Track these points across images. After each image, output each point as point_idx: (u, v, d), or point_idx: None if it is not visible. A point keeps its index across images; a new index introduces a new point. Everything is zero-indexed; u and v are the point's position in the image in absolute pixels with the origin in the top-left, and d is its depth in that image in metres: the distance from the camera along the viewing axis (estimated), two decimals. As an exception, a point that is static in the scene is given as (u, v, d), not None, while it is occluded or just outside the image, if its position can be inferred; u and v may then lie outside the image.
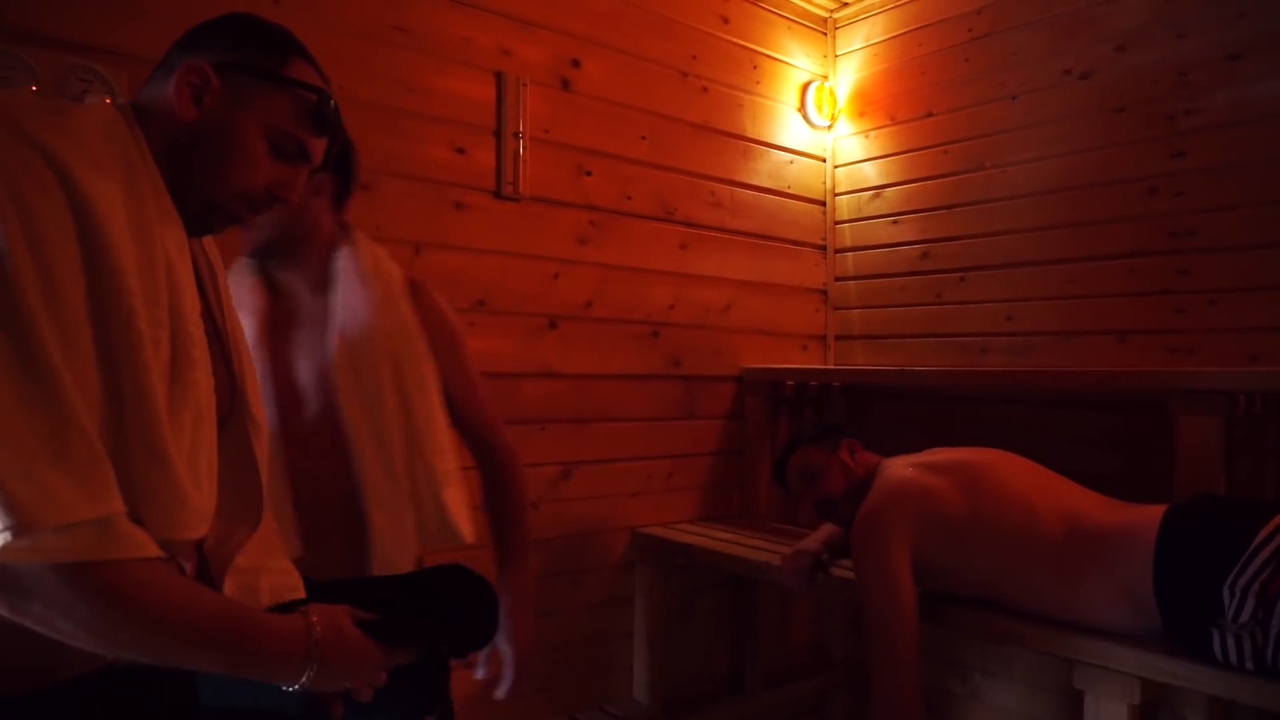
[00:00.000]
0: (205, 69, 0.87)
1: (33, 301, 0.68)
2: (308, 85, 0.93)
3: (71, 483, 0.68)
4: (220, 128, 0.88)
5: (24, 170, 0.70)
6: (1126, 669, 1.45)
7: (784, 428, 2.85)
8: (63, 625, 0.71)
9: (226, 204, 0.91)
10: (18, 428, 0.66)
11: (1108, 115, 2.33)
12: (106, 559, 0.70)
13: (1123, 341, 2.30)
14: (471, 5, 2.14)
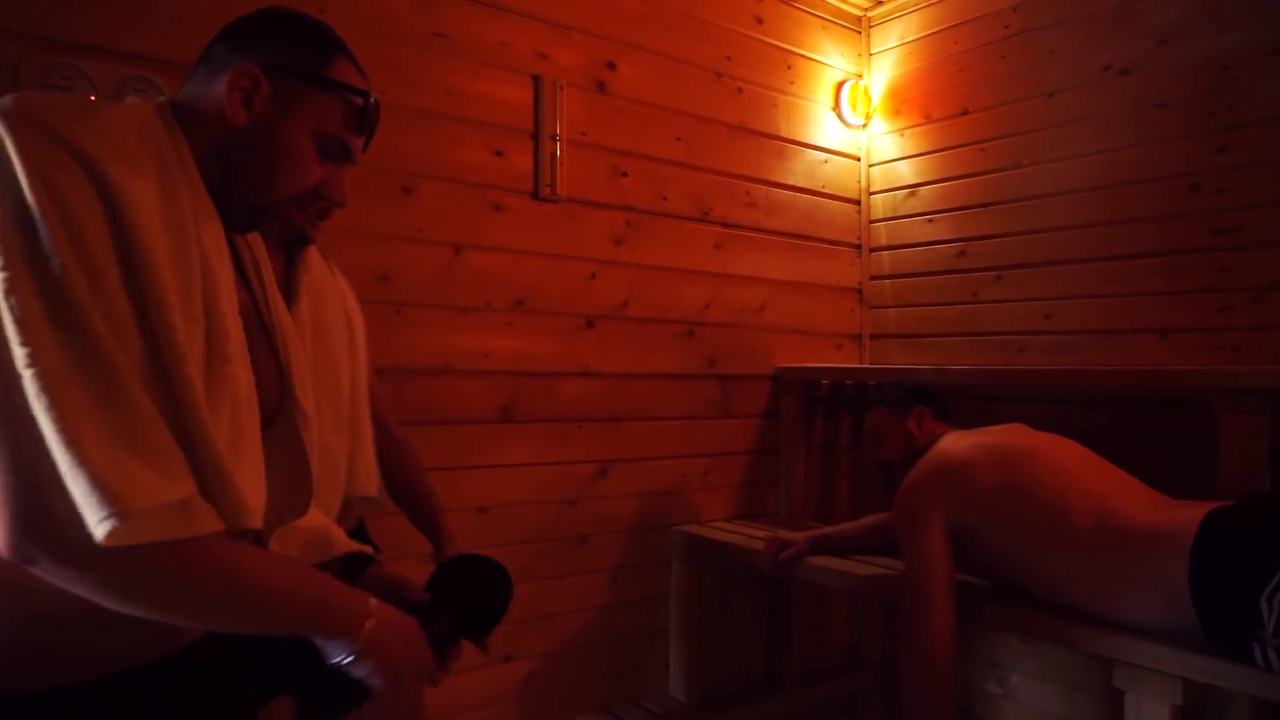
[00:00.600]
0: (256, 73, 0.88)
1: (84, 298, 0.69)
2: (353, 88, 0.94)
3: (149, 469, 0.70)
4: (271, 133, 0.89)
5: (57, 168, 0.71)
6: (1168, 669, 1.43)
7: (819, 427, 2.85)
8: (148, 602, 0.74)
9: (280, 207, 0.93)
10: (94, 422, 0.68)
11: (1148, 111, 2.30)
12: (188, 536, 0.73)
13: (1165, 340, 2.27)
14: (509, 10, 2.17)
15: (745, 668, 2.69)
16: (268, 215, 0.93)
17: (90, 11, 1.59)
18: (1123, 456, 1.92)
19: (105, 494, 0.66)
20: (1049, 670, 2.42)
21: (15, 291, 0.67)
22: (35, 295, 0.68)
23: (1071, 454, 1.75)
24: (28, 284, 0.68)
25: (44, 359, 0.67)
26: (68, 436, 0.66)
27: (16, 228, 0.69)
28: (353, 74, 0.96)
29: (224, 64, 0.90)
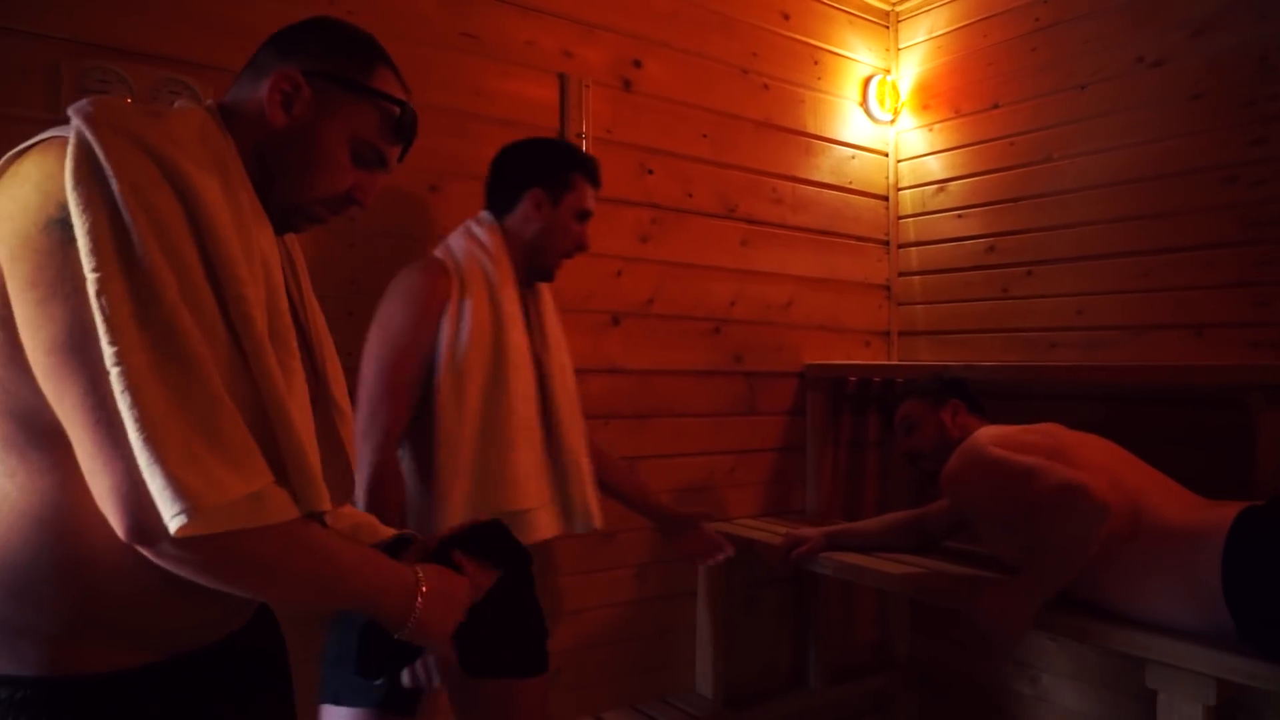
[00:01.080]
0: (297, 77, 0.92)
1: (173, 298, 0.73)
2: (391, 98, 0.97)
3: (226, 464, 0.73)
4: (307, 136, 0.93)
5: (142, 172, 0.74)
6: (1202, 669, 1.41)
7: (846, 424, 2.84)
8: (237, 584, 0.80)
9: (310, 207, 0.96)
10: (175, 418, 0.71)
11: (1183, 103, 2.26)
12: (259, 525, 0.77)
13: (1200, 336, 2.23)
14: (535, 10, 2.19)
15: (772, 665, 2.68)
16: (300, 215, 0.97)
17: (126, 16, 1.63)
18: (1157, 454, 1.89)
19: (177, 491, 0.69)
20: (1080, 670, 2.39)
21: (106, 292, 0.70)
22: (125, 296, 0.71)
23: (1107, 452, 1.74)
24: (119, 284, 0.71)
25: (129, 357, 0.69)
26: (146, 434, 0.69)
27: (110, 231, 0.71)
28: (393, 84, 0.99)
29: (268, 68, 0.94)
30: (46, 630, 0.77)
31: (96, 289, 0.70)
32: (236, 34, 1.73)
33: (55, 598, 0.77)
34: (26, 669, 0.77)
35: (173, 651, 0.85)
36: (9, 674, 0.76)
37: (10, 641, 0.77)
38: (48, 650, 0.77)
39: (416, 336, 1.56)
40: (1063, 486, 1.54)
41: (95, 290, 0.70)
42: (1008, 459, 1.69)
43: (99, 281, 0.70)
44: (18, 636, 0.76)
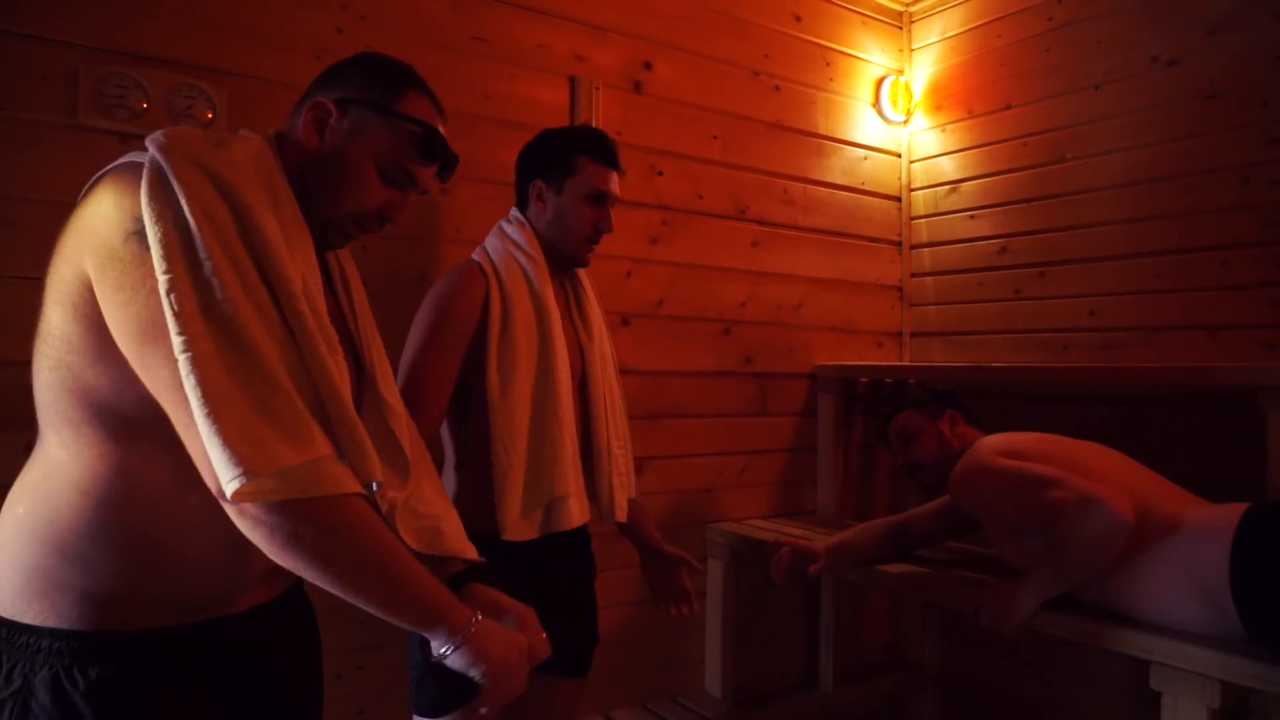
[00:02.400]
0: (328, 104, 1.03)
1: (232, 293, 0.83)
2: (414, 120, 1.06)
3: (280, 436, 0.82)
4: (337, 156, 1.04)
5: (205, 190, 0.86)
6: (1206, 671, 1.40)
7: (858, 425, 2.84)
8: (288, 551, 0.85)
9: (341, 222, 1.06)
10: (233, 397, 0.81)
11: (1198, 102, 2.24)
12: (314, 495, 0.84)
13: (1214, 337, 2.21)
14: (546, 13, 2.21)
15: (783, 666, 2.68)
16: (334, 230, 1.07)
17: (143, 22, 1.66)
18: (1169, 456, 1.88)
19: (233, 458, 0.79)
20: (1089, 672, 2.37)
21: (175, 290, 0.81)
22: (191, 292, 0.82)
23: (1111, 459, 1.74)
24: (185, 282, 0.82)
25: (194, 345, 0.80)
26: (207, 410, 0.79)
27: (179, 239, 0.83)
28: (423, 107, 1.08)
29: (310, 98, 1.06)
30: (85, 588, 0.87)
31: (166, 288, 0.81)
32: (251, 40, 1.76)
33: (95, 559, 0.87)
34: (65, 622, 0.86)
35: (197, 616, 0.93)
36: (50, 626, 0.86)
37: (53, 596, 0.86)
38: (85, 607, 0.86)
39: (447, 342, 1.58)
40: (1083, 500, 1.54)
41: (165, 289, 0.81)
42: (1021, 468, 1.69)
43: (169, 281, 0.81)
44: (60, 592, 0.86)
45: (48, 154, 1.57)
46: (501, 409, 1.57)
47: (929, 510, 2.05)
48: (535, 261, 1.65)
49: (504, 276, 1.62)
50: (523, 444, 1.58)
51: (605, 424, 1.73)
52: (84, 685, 0.84)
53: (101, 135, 1.62)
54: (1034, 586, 1.61)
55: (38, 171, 1.56)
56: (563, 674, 1.70)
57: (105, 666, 0.86)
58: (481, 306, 1.59)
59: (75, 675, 0.85)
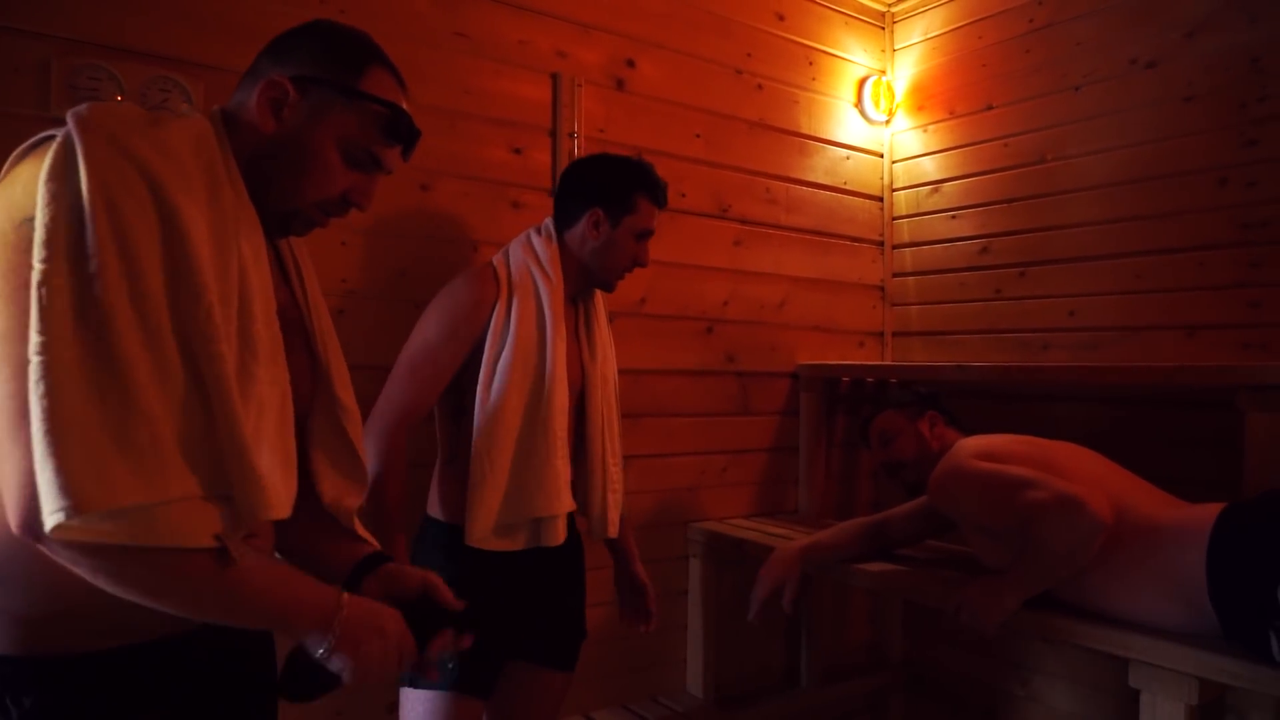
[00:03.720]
0: (284, 84, 0.92)
1: (113, 298, 0.72)
2: (379, 100, 0.97)
3: (129, 469, 0.71)
4: (296, 141, 0.94)
5: (119, 180, 0.75)
6: (1183, 668, 1.41)
7: (840, 425, 2.84)
8: (125, 593, 0.77)
9: (305, 210, 0.98)
10: (87, 415, 0.70)
11: (1176, 104, 2.26)
12: (150, 545, 0.74)
13: (1192, 337, 2.23)
14: (529, 9, 2.19)
15: (764, 665, 2.68)
16: (297, 219, 0.98)
17: (117, 14, 1.63)
18: (1148, 454, 1.90)
19: (65, 488, 0.67)
20: (1069, 671, 2.39)
21: (48, 283, 0.71)
22: (66, 289, 0.71)
23: (1089, 458, 1.76)
24: (61, 277, 0.71)
25: (54, 350, 0.69)
26: (49, 426, 0.68)
27: (67, 228, 0.72)
28: (387, 85, 0.99)
29: (262, 74, 0.95)
30: (15, 610, 0.80)
31: (39, 280, 0.70)
32: (227, 32, 1.74)
33: (23, 579, 0.80)
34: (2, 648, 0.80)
35: (138, 638, 0.86)
36: None
37: None
38: (17, 631, 0.80)
39: (450, 337, 1.61)
40: (1061, 500, 1.54)
41: (37, 281, 0.70)
42: (998, 471, 1.69)
43: (43, 273, 0.71)
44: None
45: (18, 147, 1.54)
46: (486, 419, 1.58)
47: (907, 510, 2.06)
48: (551, 281, 1.66)
49: (516, 289, 1.64)
50: (505, 459, 1.59)
51: (601, 442, 1.76)
52: (17, 714, 0.79)
53: (74, 128, 1.59)
54: (1013, 586, 1.62)
55: (8, 164, 1.53)
56: (545, 665, 1.73)
57: (41, 693, 0.80)
58: (489, 311, 1.62)
59: (8, 704, 0.79)
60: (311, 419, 1.06)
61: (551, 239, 1.72)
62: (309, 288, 1.07)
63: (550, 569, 1.72)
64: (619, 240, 1.70)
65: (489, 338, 1.61)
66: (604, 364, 1.80)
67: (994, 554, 1.77)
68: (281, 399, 0.92)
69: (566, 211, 1.73)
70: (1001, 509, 1.65)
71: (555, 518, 1.63)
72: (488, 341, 1.61)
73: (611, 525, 1.78)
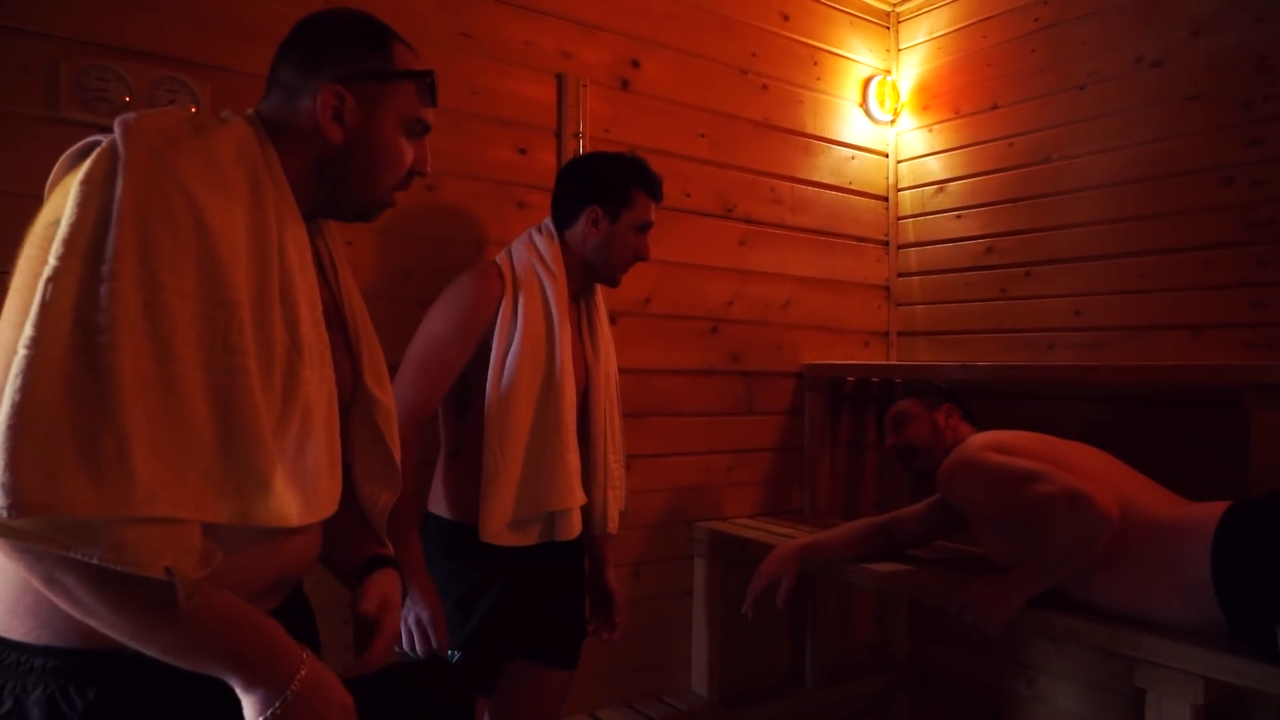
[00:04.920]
0: (342, 91, 0.96)
1: (122, 306, 0.72)
2: (418, 73, 1.03)
3: (86, 480, 0.68)
4: (367, 138, 0.98)
5: (155, 193, 0.76)
6: (1189, 667, 1.41)
7: (845, 424, 2.84)
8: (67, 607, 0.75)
9: (385, 197, 1.04)
10: (56, 417, 0.68)
11: (1181, 103, 2.26)
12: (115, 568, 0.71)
13: (1197, 336, 2.23)
14: (533, 10, 2.20)
15: (769, 664, 2.68)
16: (376, 207, 1.05)
17: (125, 14, 1.64)
18: (1154, 454, 1.90)
19: (7, 485, 0.66)
20: (1075, 671, 2.38)
21: (55, 281, 0.71)
22: (71, 289, 0.71)
23: (1096, 456, 1.76)
24: (71, 277, 0.71)
25: (42, 346, 0.69)
26: (12, 421, 0.67)
27: (90, 231, 0.73)
28: (409, 54, 1.04)
29: (301, 86, 0.97)
30: None
31: (48, 275, 0.71)
32: (234, 33, 1.75)
33: None
34: (59, 639, 0.80)
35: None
36: (44, 643, 0.80)
37: (46, 613, 0.79)
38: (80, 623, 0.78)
39: (458, 334, 1.63)
40: (1068, 494, 1.55)
41: (46, 276, 0.71)
42: (1008, 463, 1.70)
43: (54, 270, 0.71)
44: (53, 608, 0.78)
45: (27, 147, 1.55)
46: (498, 415, 1.60)
47: (915, 511, 2.06)
48: (555, 278, 1.68)
49: (521, 285, 1.66)
50: (519, 453, 1.60)
51: (604, 438, 1.78)
52: (81, 705, 0.79)
53: (83, 128, 1.57)
54: (1018, 584, 1.62)
55: (16, 165, 1.53)
56: (547, 664, 1.74)
57: (103, 685, 0.80)
58: (495, 308, 1.64)
59: (72, 695, 0.79)
60: (349, 415, 1.08)
61: (553, 237, 1.74)
62: (344, 283, 1.10)
63: (554, 566, 1.73)
64: (619, 235, 1.72)
65: (496, 333, 1.62)
66: (606, 361, 1.82)
67: (1001, 548, 1.77)
68: (329, 398, 0.95)
69: (565, 211, 1.75)
70: (1009, 501, 1.65)
71: (569, 511, 1.64)
72: (495, 337, 1.62)
73: (611, 521, 1.80)
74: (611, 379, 1.84)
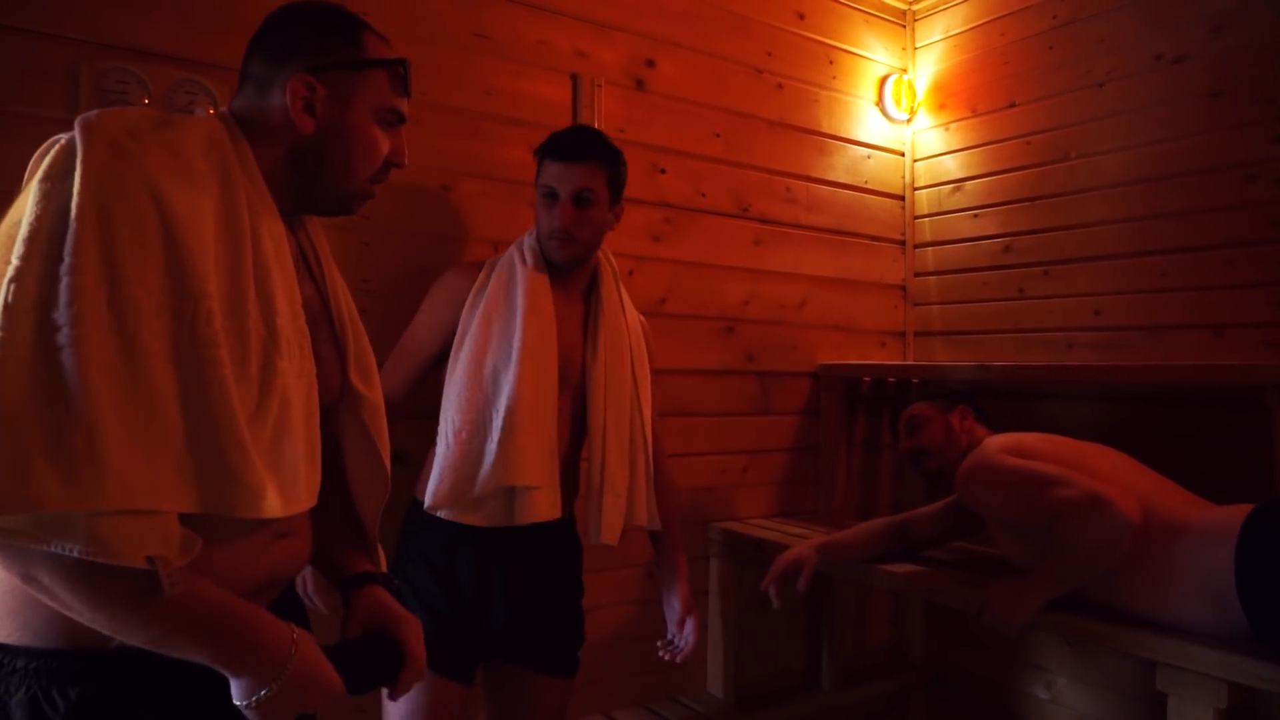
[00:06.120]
0: (312, 82, 0.95)
1: (85, 302, 0.71)
2: (389, 61, 1.01)
3: (57, 475, 0.68)
4: (339, 129, 0.97)
5: (116, 187, 0.75)
6: (1212, 671, 1.39)
7: (861, 425, 2.83)
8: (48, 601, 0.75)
9: (360, 188, 1.02)
10: (23, 414, 0.69)
11: (1203, 100, 2.23)
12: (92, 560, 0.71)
13: (1219, 336, 2.20)
14: (549, 10, 2.20)
15: (785, 666, 2.67)
16: (354, 198, 1.03)
17: (145, 17, 1.66)
18: (1174, 456, 1.87)
19: None
20: (1094, 674, 2.36)
21: (18, 280, 0.71)
22: (33, 290, 0.71)
23: (1117, 458, 1.74)
24: (32, 277, 0.71)
25: (8, 347, 0.69)
26: None
27: (49, 229, 0.73)
28: (381, 44, 1.02)
29: (271, 78, 0.96)
30: None
31: (10, 275, 0.71)
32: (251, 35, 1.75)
33: None
34: (41, 640, 0.80)
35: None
36: (26, 644, 0.80)
37: (28, 613, 0.80)
38: (63, 624, 0.79)
39: (427, 324, 1.70)
40: (1089, 498, 1.53)
41: (9, 276, 0.71)
42: (1027, 466, 1.68)
43: (15, 270, 0.71)
44: (35, 608, 0.79)
45: (48, 149, 1.56)
46: (448, 386, 1.62)
47: (931, 512, 2.05)
48: (527, 264, 1.68)
49: (495, 273, 1.68)
50: (463, 425, 1.57)
51: (601, 442, 1.69)
52: (64, 706, 0.79)
53: (102, 131, 1.61)
54: (1037, 587, 1.61)
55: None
56: (538, 670, 1.70)
57: (86, 686, 0.80)
58: (467, 294, 1.67)
59: (54, 696, 0.79)
60: (337, 412, 1.07)
61: (532, 233, 1.75)
62: (330, 278, 1.08)
63: (534, 565, 1.68)
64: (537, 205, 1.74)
65: (462, 318, 1.64)
66: (613, 364, 1.74)
67: (1019, 551, 1.76)
68: (308, 390, 0.93)
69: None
70: (1029, 505, 1.64)
71: (527, 491, 1.56)
72: (460, 322, 1.64)
73: (606, 530, 1.68)
74: (622, 384, 1.75)
